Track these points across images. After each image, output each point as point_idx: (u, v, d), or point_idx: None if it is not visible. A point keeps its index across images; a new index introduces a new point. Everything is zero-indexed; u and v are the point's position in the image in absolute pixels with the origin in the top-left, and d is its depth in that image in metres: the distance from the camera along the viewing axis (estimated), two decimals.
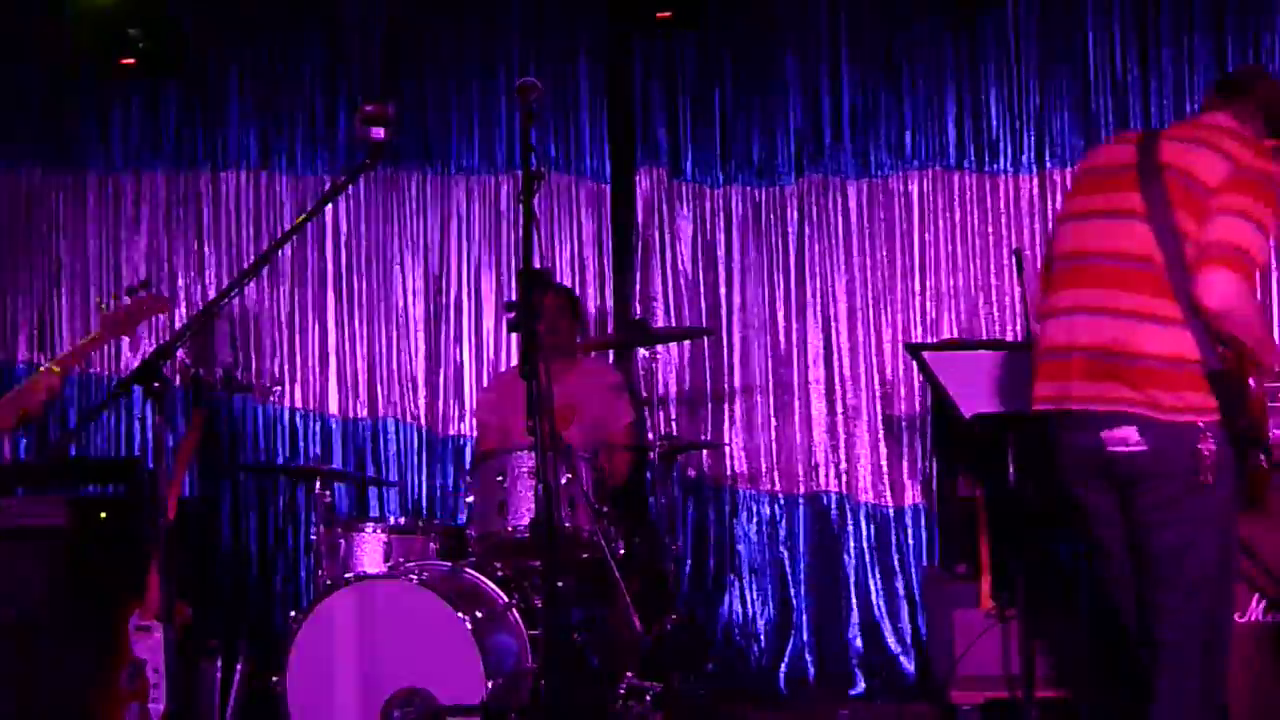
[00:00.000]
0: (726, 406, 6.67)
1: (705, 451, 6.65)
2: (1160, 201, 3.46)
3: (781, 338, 6.64)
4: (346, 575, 4.98)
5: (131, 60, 6.73)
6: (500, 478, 5.06)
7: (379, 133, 3.54)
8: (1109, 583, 3.76)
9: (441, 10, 6.93)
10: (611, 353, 6.63)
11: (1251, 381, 3.52)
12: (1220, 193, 3.43)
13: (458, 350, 6.89)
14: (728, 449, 6.63)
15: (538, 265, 3.45)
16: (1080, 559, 6.14)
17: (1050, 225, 6.28)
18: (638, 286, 6.76)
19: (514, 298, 3.56)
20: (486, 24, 6.89)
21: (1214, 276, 3.36)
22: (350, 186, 6.73)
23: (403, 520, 5.62)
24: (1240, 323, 3.41)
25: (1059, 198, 6.31)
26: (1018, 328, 6.22)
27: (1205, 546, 3.49)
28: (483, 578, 4.97)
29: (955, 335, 6.38)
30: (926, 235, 6.51)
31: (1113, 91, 6.30)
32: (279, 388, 6.92)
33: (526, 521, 4.95)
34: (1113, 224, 3.55)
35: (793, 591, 6.53)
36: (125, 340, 6.80)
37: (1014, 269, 6.00)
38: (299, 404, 6.96)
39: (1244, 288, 3.39)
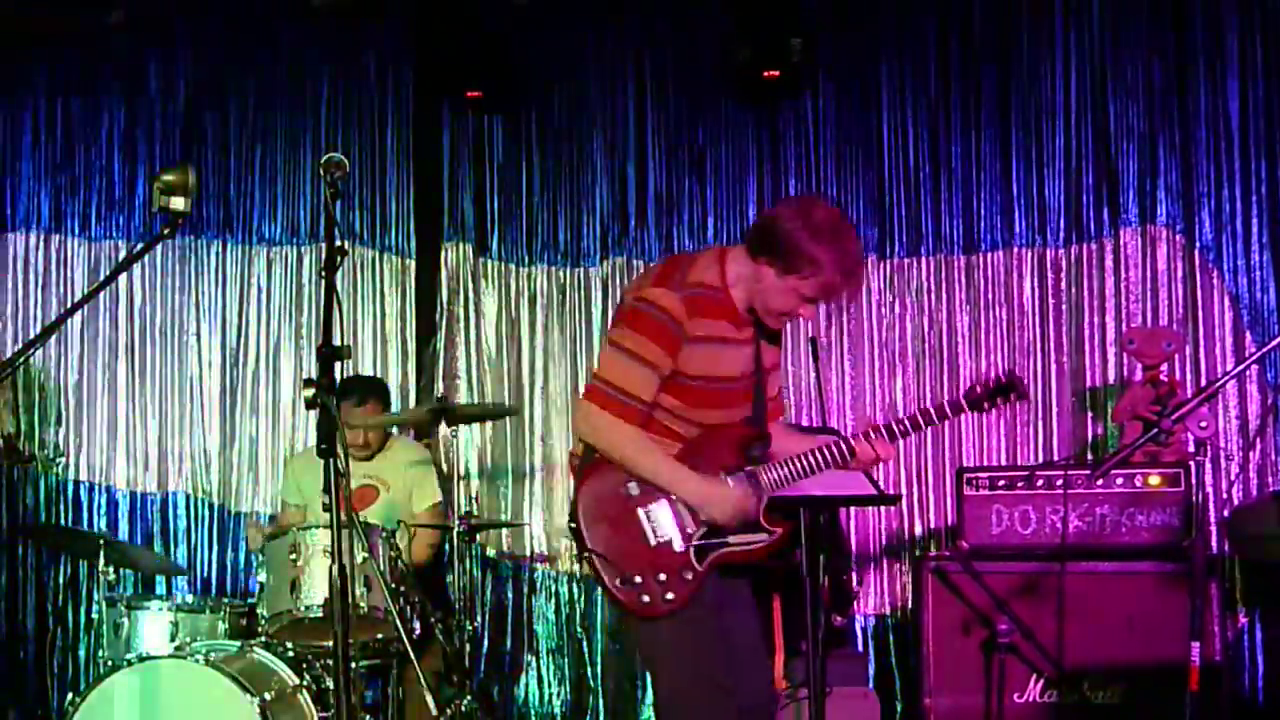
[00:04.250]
0: (527, 485, 6.67)
1: (505, 530, 6.63)
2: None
3: None
4: (129, 655, 4.83)
5: None
6: (293, 556, 4.97)
7: (178, 201, 3.47)
8: None
9: (247, 78, 6.85)
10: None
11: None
12: (610, 328, 3.72)
13: (253, 424, 6.75)
14: (528, 528, 6.61)
15: (339, 341, 3.42)
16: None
17: (845, 313, 6.50)
18: (441, 363, 6.73)
19: (313, 374, 3.51)
20: (294, 93, 6.84)
21: (578, 406, 3.70)
22: (146, 255, 6.57)
23: (190, 598, 5.46)
24: (604, 447, 3.60)
25: None
26: (814, 413, 6.36)
27: (661, 672, 3.69)
28: (273, 658, 4.87)
29: None
30: None
31: (905, 184, 6.52)
32: (62, 459, 6.69)
33: (319, 600, 4.87)
34: None
35: (589, 671, 6.52)
36: None
37: (810, 356, 6.15)
38: (84, 476, 6.74)
39: (598, 417, 3.57)
